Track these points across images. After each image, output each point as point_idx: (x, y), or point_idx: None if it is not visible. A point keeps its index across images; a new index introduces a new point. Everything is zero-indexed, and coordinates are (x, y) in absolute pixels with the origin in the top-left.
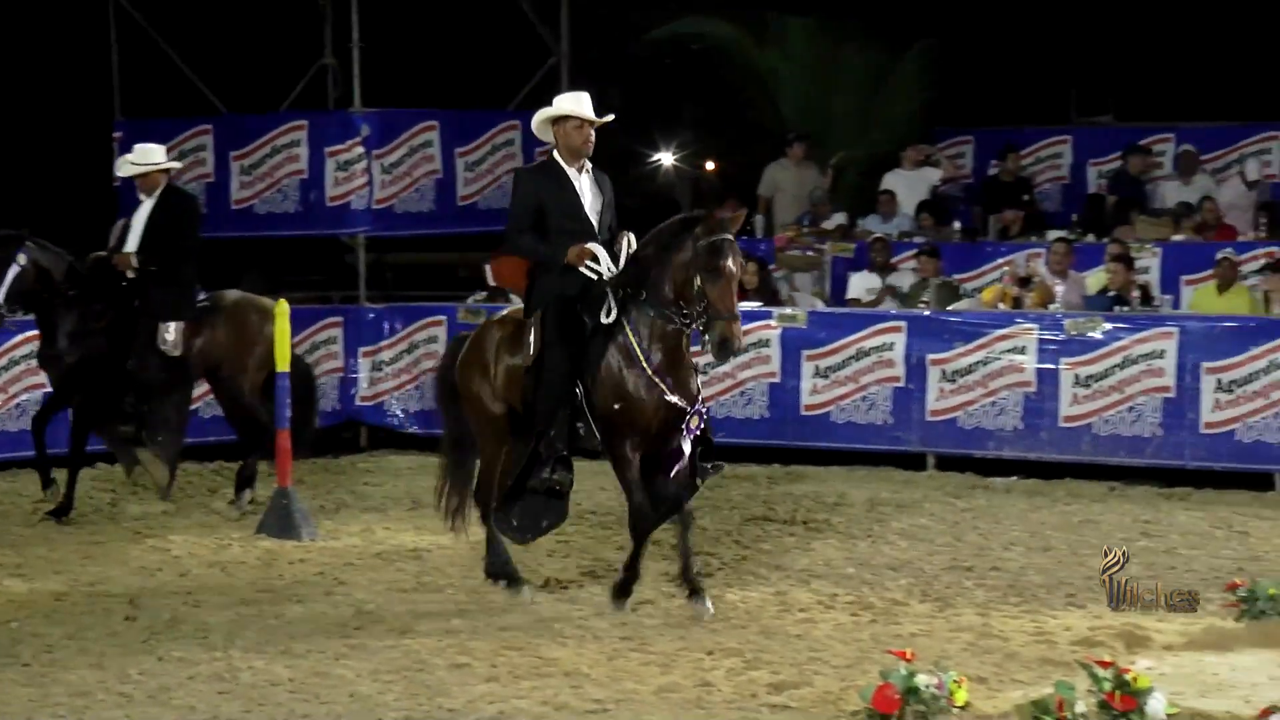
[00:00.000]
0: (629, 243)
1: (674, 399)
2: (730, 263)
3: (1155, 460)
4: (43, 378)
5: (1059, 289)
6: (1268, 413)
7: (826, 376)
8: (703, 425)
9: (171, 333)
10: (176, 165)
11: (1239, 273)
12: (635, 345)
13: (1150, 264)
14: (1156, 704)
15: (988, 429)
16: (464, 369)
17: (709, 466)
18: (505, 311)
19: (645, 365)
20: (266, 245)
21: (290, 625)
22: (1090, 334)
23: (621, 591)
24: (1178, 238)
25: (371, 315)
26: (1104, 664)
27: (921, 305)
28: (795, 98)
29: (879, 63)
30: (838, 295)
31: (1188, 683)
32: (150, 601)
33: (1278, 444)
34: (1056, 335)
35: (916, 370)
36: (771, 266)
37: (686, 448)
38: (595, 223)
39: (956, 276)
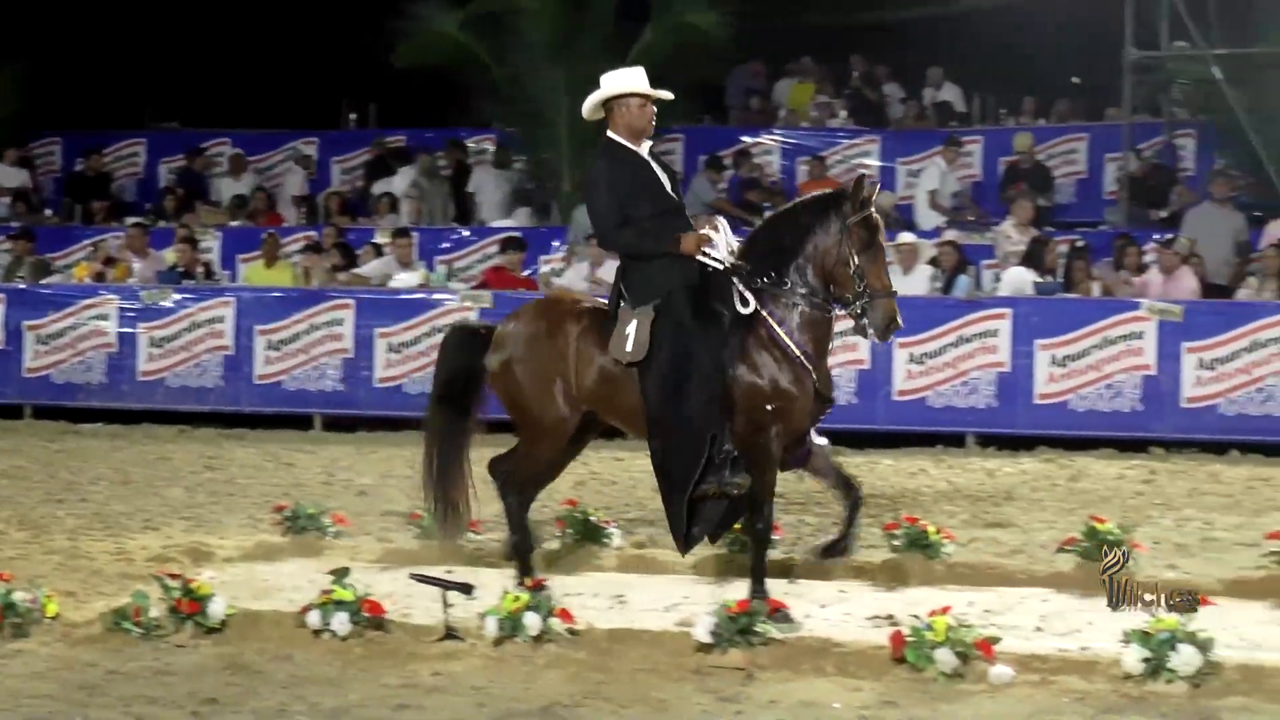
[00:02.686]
0: (723, 229)
1: (824, 391)
2: (883, 237)
3: (218, 406)
4: None
5: (137, 266)
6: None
7: None
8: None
9: None
10: None
11: (282, 251)
12: (785, 337)
13: (212, 245)
14: (217, 606)
15: (77, 384)
16: (514, 367)
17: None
18: (547, 298)
19: (799, 358)
20: None
21: None
22: (162, 303)
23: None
24: (234, 223)
25: None
26: (174, 576)
27: (18, 280)
28: None
29: None
30: None
31: (243, 589)
32: None
33: (316, 391)
34: (134, 304)
35: (15, 335)
36: None
37: (816, 439)
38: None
39: (50, 255)
